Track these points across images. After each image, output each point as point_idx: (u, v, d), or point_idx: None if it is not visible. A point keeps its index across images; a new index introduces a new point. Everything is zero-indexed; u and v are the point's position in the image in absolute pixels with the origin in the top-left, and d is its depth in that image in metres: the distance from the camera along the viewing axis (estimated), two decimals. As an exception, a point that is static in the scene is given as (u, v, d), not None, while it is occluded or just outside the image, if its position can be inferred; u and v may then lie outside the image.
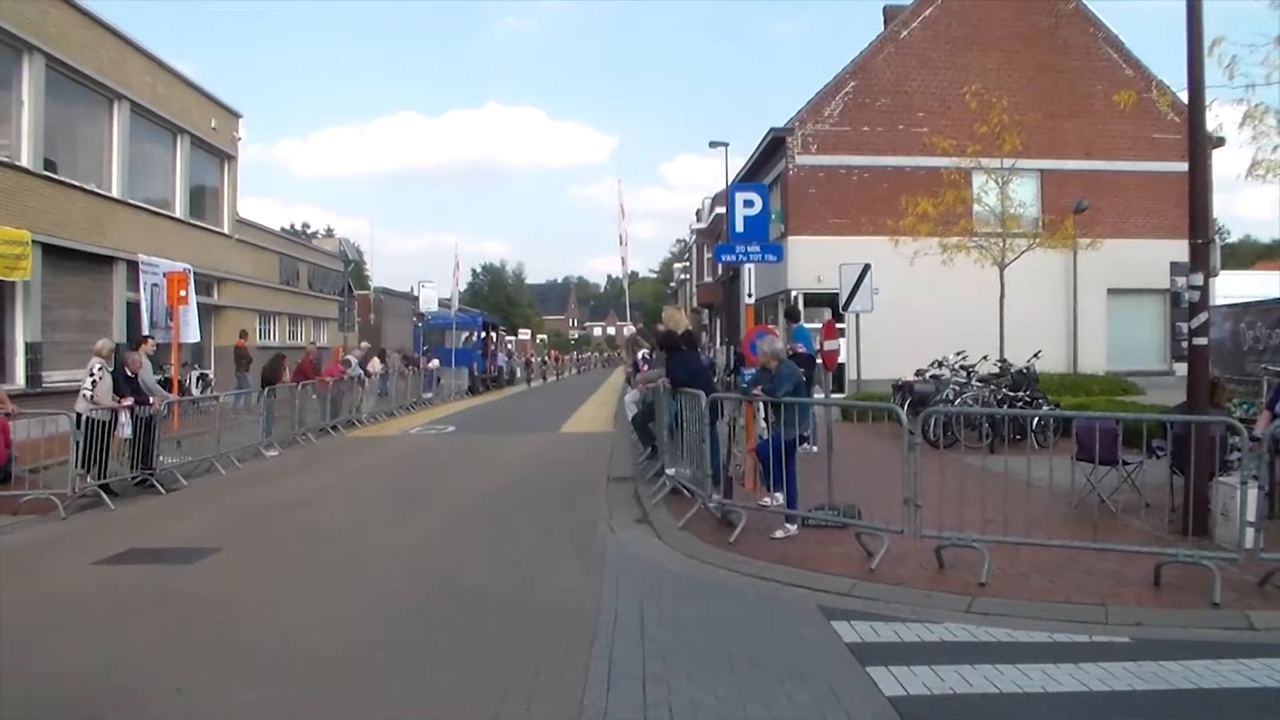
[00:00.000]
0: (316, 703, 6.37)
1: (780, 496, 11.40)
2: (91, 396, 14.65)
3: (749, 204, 15.15)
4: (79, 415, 14.13)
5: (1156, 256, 28.63)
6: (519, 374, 59.55)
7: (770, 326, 21.23)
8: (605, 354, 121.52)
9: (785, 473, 11.15)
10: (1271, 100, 13.92)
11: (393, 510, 13.81)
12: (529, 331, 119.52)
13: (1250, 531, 8.51)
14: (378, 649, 7.47)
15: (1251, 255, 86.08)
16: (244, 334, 33.20)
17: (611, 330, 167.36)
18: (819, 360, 16.43)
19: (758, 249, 15.17)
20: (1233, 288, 27.31)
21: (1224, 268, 19.58)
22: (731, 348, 37.34)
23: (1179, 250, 12.12)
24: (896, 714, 6.01)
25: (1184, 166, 11.09)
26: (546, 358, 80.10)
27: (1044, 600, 8.48)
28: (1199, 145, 11.03)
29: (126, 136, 27.50)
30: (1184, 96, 11.58)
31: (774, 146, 35.47)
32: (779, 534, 11.02)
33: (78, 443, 13.86)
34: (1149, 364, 32.71)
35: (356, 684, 6.68)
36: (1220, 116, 11.86)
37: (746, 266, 15.61)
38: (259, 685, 6.67)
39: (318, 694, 6.53)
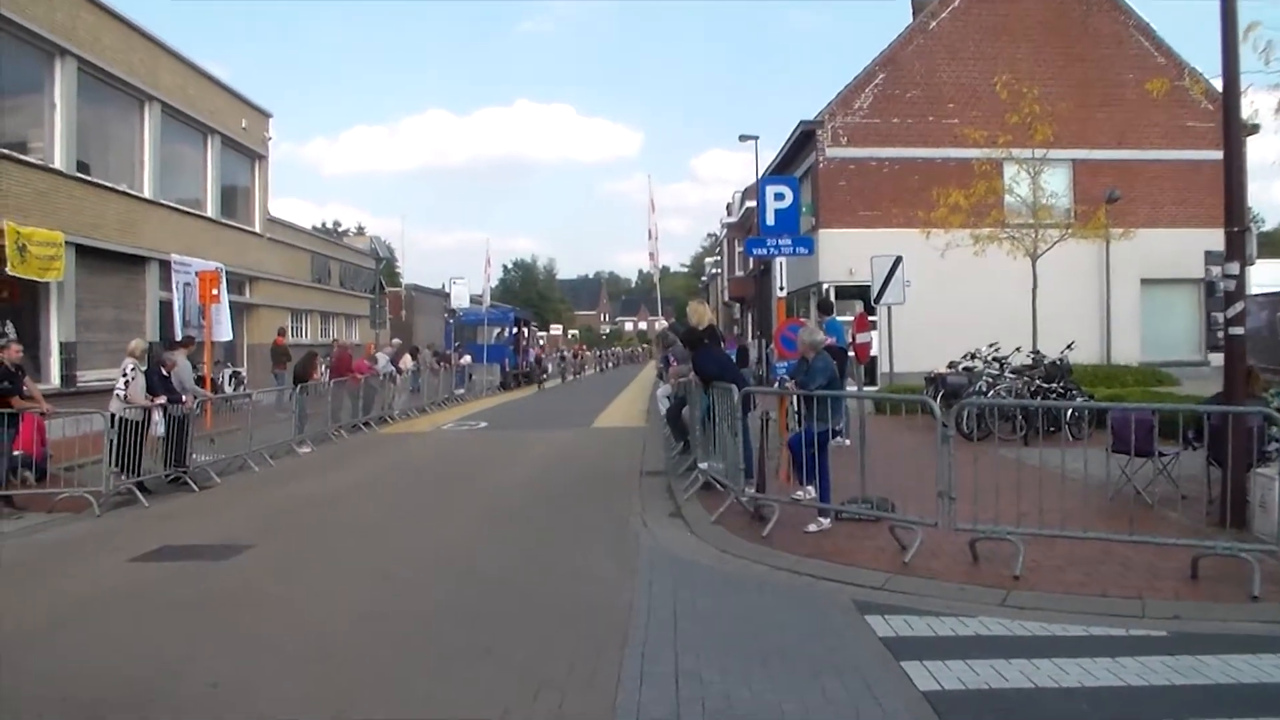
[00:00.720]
0: (351, 699, 6.37)
1: (813, 490, 11.36)
2: (125, 396, 14.75)
3: (779, 197, 15.14)
4: (113, 415, 14.22)
5: (1190, 246, 28.44)
6: (551, 369, 58.61)
7: (802, 319, 21.20)
8: (631, 348, 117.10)
9: (818, 466, 11.12)
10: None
11: (425, 506, 13.87)
12: (560, 327, 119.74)
13: (1289, 523, 8.45)
14: (411, 645, 7.50)
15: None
16: (282, 331, 33.39)
17: (643, 325, 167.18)
18: (852, 353, 16.40)
19: (789, 242, 15.16)
20: (1268, 276, 26.99)
21: (1260, 256, 19.39)
22: (764, 341, 37.27)
23: (1212, 239, 12.04)
24: (931, 709, 5.98)
25: (1217, 155, 10.98)
26: (566, 353, 70.64)
27: (1079, 594, 8.43)
28: (1234, 132, 10.92)
29: (158, 137, 27.69)
30: (1217, 84, 11.45)
31: (804, 139, 35.33)
32: (812, 528, 10.99)
33: (111, 441, 13.96)
34: (1183, 354, 32.44)
35: (390, 680, 6.69)
36: (1256, 103, 11.69)
37: (778, 259, 15.58)
38: (294, 681, 6.70)
39: (352, 690, 6.53)
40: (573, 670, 6.75)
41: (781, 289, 15.82)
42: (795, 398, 12.84)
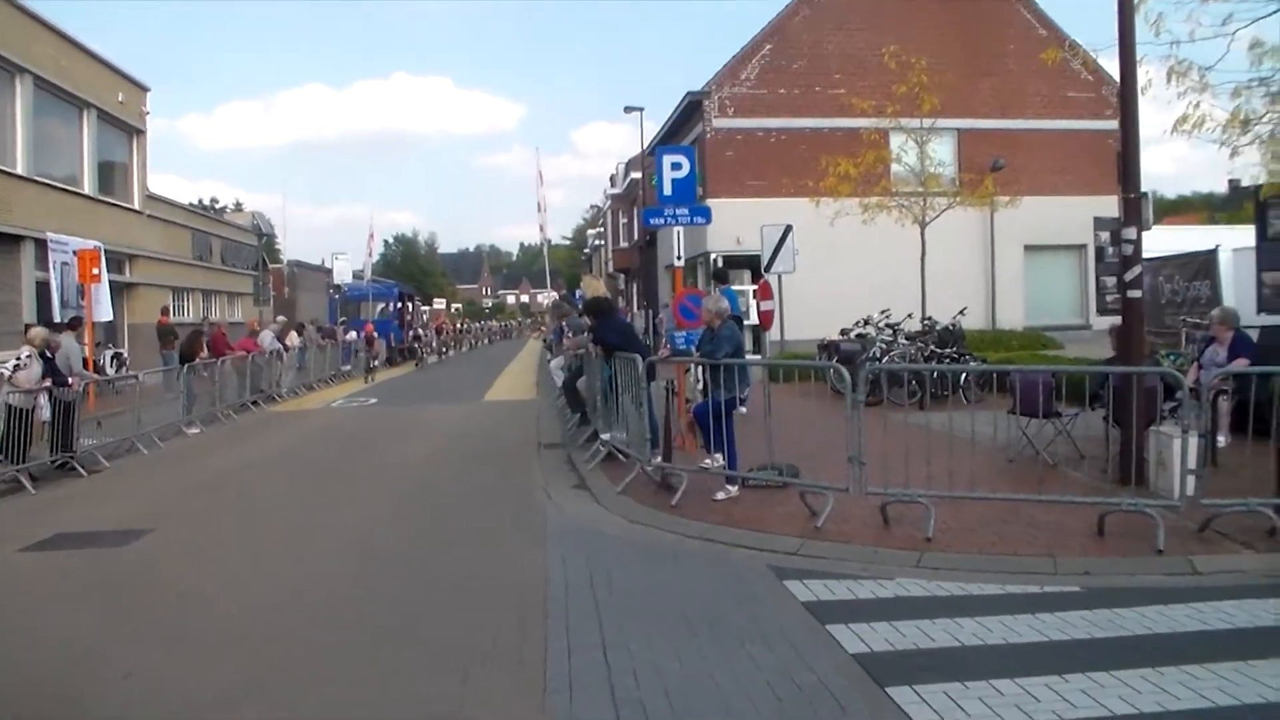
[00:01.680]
0: (274, 685, 6.19)
1: (720, 458, 11.34)
2: (9, 378, 14.20)
3: (676, 166, 15.06)
4: (6, 405, 13.72)
5: (1071, 213, 29.19)
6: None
7: (699, 288, 21.20)
8: (504, 322, 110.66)
9: (725, 434, 11.10)
10: (1194, 57, 14.03)
11: (324, 486, 13.53)
12: (443, 301, 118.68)
13: (1191, 479, 8.65)
14: (327, 627, 7.31)
15: (1159, 211, 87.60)
16: (165, 310, 32.49)
17: (525, 298, 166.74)
18: (756, 320, 16.44)
19: (686, 211, 15.10)
20: (1145, 242, 27.59)
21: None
22: (650, 312, 37.26)
23: (1094, 206, 12.28)
24: (864, 671, 5.98)
25: (1097, 124, 11.29)
26: (423, 330, 52.78)
27: (992, 553, 8.55)
28: (1130, 100, 11.11)
29: (30, 111, 26.62)
30: (1096, 56, 11.60)
31: (691, 110, 35.39)
32: (720, 496, 10.96)
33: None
34: (1065, 319, 33.26)
35: (313, 665, 6.52)
36: (1150, 73, 11.96)
37: (675, 229, 15.50)
38: (213, 669, 6.47)
39: (274, 676, 6.35)
40: (496, 647, 6.64)
41: (679, 258, 15.71)
42: (698, 367, 12.80)
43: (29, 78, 26.43)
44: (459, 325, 73.97)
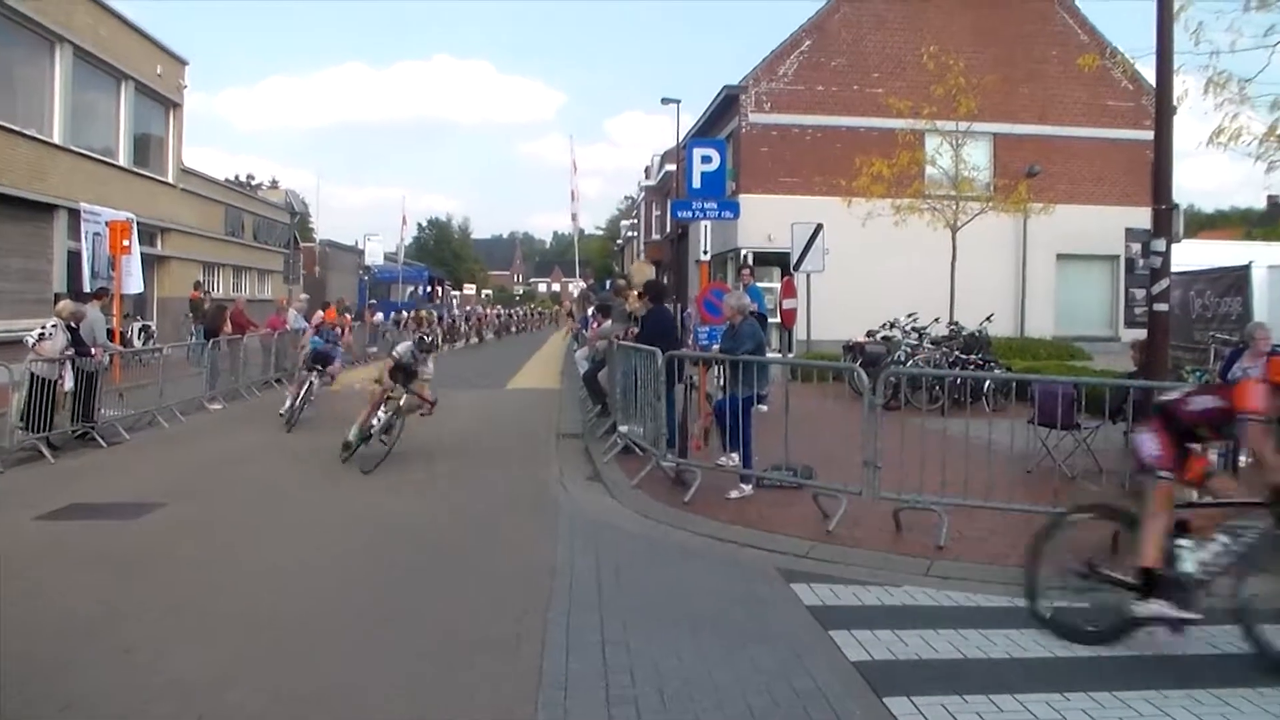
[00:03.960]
0: (270, 664, 6.18)
1: (736, 456, 11.26)
2: (33, 345, 14.23)
3: (706, 160, 14.98)
4: (31, 373, 13.76)
5: (1106, 223, 28.84)
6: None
7: (724, 283, 21.11)
8: (531, 308, 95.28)
9: (742, 432, 11.03)
10: (1234, 68, 13.87)
11: (338, 467, 13.51)
12: (474, 286, 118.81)
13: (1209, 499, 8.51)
14: (330, 609, 7.32)
15: (1195, 225, 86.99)
16: (198, 285, 32.61)
17: (556, 286, 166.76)
18: (778, 319, 16.34)
19: (715, 205, 15.04)
20: (1179, 257, 27.36)
21: (1172, 236, 19.60)
22: (680, 305, 37.15)
23: (1128, 217, 12.12)
24: (862, 679, 5.93)
25: (1136, 134, 11.15)
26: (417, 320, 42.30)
27: (1003, 565, 8.42)
28: (1165, 110, 10.97)
29: (69, 81, 26.62)
30: (1139, 65, 11.47)
31: (727, 104, 35.24)
32: (734, 494, 10.91)
33: (20, 396, 13.47)
34: (1095, 330, 32.91)
35: (311, 646, 6.51)
36: (1186, 83, 11.82)
37: (703, 223, 15.43)
38: (212, 645, 6.47)
39: (271, 655, 6.34)
40: (496, 636, 6.61)
41: (706, 253, 15.63)
42: (720, 363, 12.71)
43: (69, 47, 26.46)
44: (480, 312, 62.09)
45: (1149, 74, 12.18)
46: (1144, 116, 28.55)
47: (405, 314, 41.86)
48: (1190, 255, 23.34)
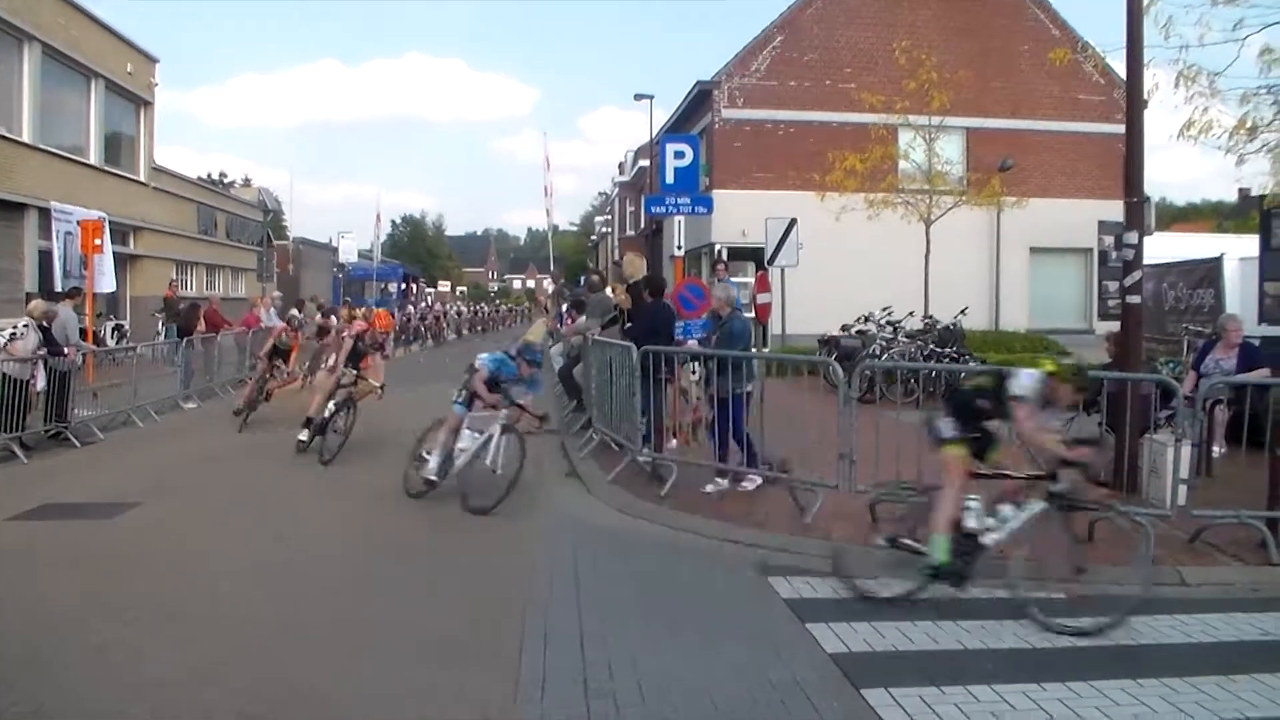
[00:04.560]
0: (246, 664, 6.15)
1: (758, 479, 11.13)
2: (4, 345, 14.13)
3: (679, 155, 15.01)
4: (2, 374, 13.66)
5: (1078, 216, 29.10)
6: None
7: (699, 279, 21.11)
8: (497, 306, 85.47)
9: (739, 429, 10.94)
10: (1203, 61, 13.94)
11: (313, 465, 13.44)
12: (449, 283, 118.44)
13: (1183, 489, 8.59)
14: (307, 609, 7.28)
15: (1167, 218, 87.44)
16: (172, 284, 32.47)
17: (531, 283, 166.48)
18: (753, 314, 16.33)
19: (688, 201, 15.06)
20: (1152, 249, 27.51)
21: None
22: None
23: (1101, 210, 12.17)
24: (840, 672, 5.94)
25: (1107, 128, 11.19)
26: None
27: (979, 556, 8.45)
28: (1136, 104, 11.01)
29: (38, 79, 26.45)
30: (1110, 59, 11.51)
31: (700, 99, 35.29)
32: (710, 489, 10.91)
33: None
34: (1069, 322, 33.07)
35: (287, 644, 6.48)
36: (1156, 77, 11.87)
37: (677, 218, 15.44)
38: (186, 646, 6.43)
39: (247, 655, 6.30)
40: (475, 632, 6.61)
41: (680, 248, 15.64)
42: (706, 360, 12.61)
43: (37, 45, 26.25)
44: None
45: (1120, 68, 12.26)
46: (1115, 110, 28.67)
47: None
48: (1162, 248, 23.46)
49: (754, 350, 13.95)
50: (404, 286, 52.69)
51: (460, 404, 11.21)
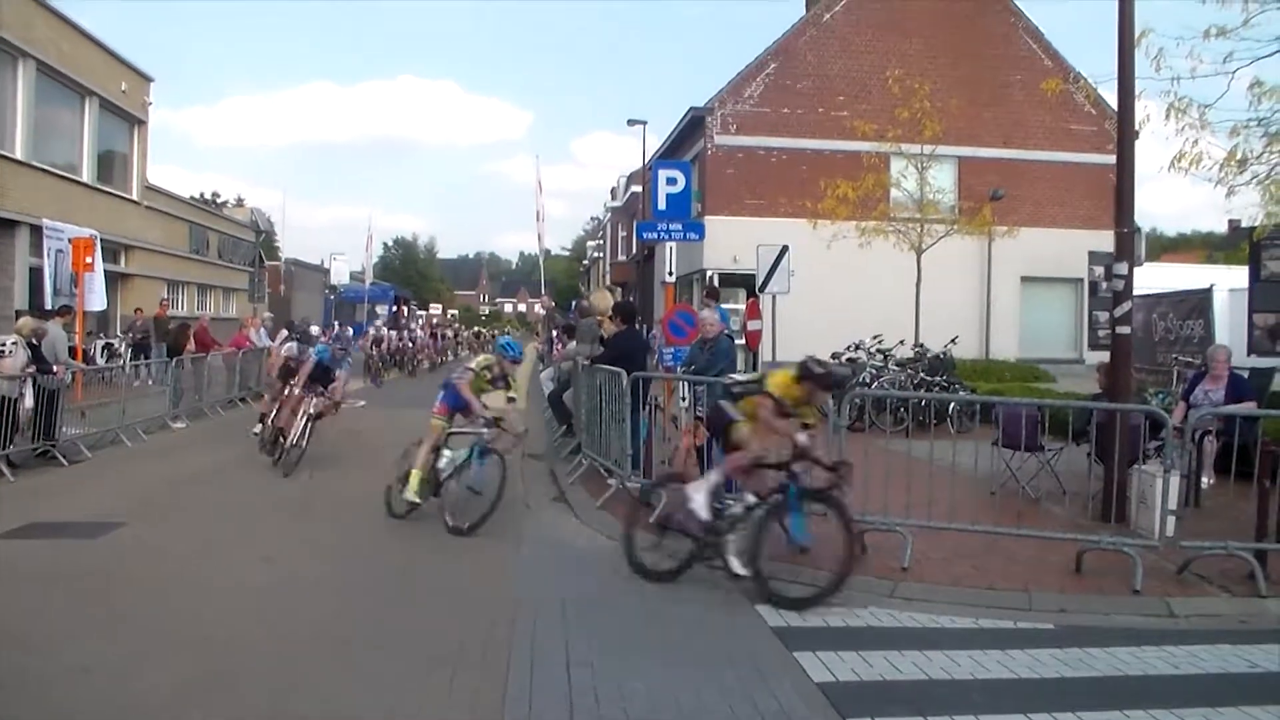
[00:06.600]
0: (230, 686, 6.11)
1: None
2: (-8, 365, 14.09)
3: (672, 181, 15.05)
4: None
5: (1069, 246, 29.18)
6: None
7: (690, 305, 21.14)
8: (476, 331, 77.04)
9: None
10: (1194, 94, 14.00)
11: (302, 487, 13.43)
12: (440, 306, 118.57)
13: (1171, 520, 8.60)
14: (294, 631, 7.24)
15: (1157, 248, 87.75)
16: (164, 303, 32.44)
17: (522, 307, 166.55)
18: (742, 340, 16.33)
19: (680, 227, 15.08)
20: (1142, 280, 27.61)
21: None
22: (645, 327, 37.14)
23: (1092, 240, 12.20)
24: (826, 701, 5.93)
25: (1099, 158, 11.24)
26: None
27: (967, 586, 8.47)
28: (1127, 135, 11.07)
29: (32, 96, 26.55)
30: (1102, 90, 11.56)
31: (693, 126, 35.34)
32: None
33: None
34: (1059, 352, 33.14)
35: (273, 668, 6.43)
36: (1148, 108, 11.94)
37: (668, 244, 15.47)
38: (172, 666, 6.39)
39: (231, 677, 6.26)
40: (462, 657, 6.58)
41: (671, 274, 15.68)
42: (685, 385, 12.64)
43: (31, 63, 26.35)
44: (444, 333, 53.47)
45: (1111, 99, 12.30)
46: (1107, 141, 28.79)
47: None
48: (1153, 278, 23.59)
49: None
50: (395, 308, 52.56)
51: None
